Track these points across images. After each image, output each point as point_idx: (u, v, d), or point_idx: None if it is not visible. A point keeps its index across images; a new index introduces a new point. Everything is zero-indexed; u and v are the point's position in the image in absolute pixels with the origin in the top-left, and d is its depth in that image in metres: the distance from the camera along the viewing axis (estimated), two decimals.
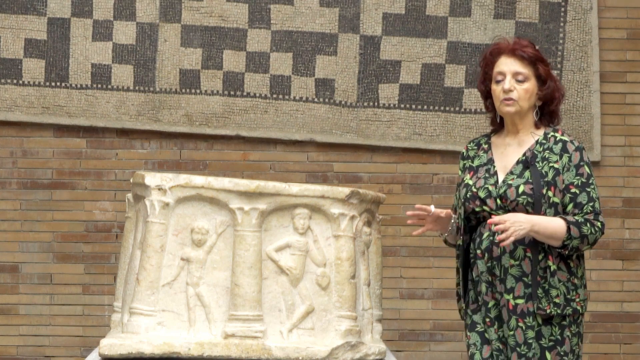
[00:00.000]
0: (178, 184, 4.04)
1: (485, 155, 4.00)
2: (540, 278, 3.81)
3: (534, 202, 3.81)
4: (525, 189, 3.83)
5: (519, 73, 3.90)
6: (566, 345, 3.84)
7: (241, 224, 4.04)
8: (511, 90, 3.88)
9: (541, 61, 3.95)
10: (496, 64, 3.95)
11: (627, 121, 6.39)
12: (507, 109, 3.90)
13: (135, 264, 4.09)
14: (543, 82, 3.93)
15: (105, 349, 3.99)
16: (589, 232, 3.81)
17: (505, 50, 3.95)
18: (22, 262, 6.33)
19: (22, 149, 6.34)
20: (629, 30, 6.39)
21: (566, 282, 3.84)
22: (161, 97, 6.30)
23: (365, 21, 6.31)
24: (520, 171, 3.88)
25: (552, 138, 3.92)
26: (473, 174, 3.98)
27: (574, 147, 3.89)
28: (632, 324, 6.35)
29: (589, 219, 3.83)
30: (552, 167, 3.85)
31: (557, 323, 3.84)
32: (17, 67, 6.29)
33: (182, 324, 4.05)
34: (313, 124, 6.32)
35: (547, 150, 3.89)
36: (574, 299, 3.85)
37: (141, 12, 6.30)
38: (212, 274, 4.07)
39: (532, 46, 3.98)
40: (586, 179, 3.86)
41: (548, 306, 3.80)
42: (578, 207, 3.84)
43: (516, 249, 3.84)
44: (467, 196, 3.94)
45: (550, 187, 3.83)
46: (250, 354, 4.02)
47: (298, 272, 4.10)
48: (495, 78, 3.94)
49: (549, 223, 3.78)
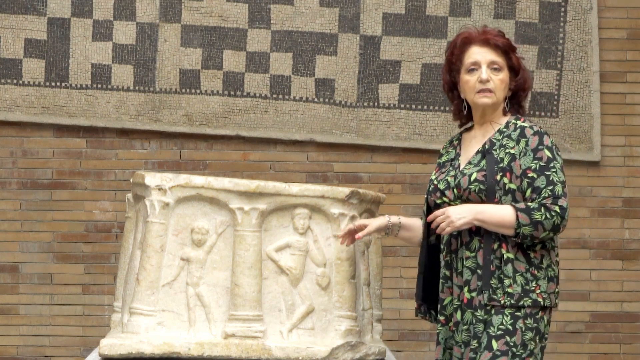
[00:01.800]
0: (178, 184, 4.04)
1: (454, 151, 3.87)
2: (494, 268, 3.63)
3: (487, 189, 3.65)
4: (478, 176, 3.67)
5: (494, 62, 3.73)
6: (517, 336, 3.60)
7: (241, 224, 4.04)
8: (488, 80, 3.72)
9: (513, 51, 3.77)
10: (467, 54, 3.76)
11: (627, 121, 6.40)
12: (485, 100, 3.74)
13: (135, 264, 4.09)
14: (516, 73, 3.77)
15: (105, 349, 3.99)
16: (542, 217, 3.60)
17: (476, 40, 3.76)
18: (22, 262, 6.34)
19: (22, 149, 6.34)
20: (629, 30, 6.39)
21: (524, 272, 3.64)
22: (161, 97, 6.30)
23: (365, 21, 6.31)
24: (478, 160, 3.72)
25: (512, 125, 3.74)
26: (438, 170, 3.86)
27: (532, 131, 3.70)
28: (632, 324, 6.36)
29: (545, 203, 3.61)
30: (508, 152, 3.68)
31: (510, 313, 3.61)
32: (17, 67, 6.29)
33: (182, 324, 4.05)
34: (313, 124, 6.32)
35: (506, 138, 3.71)
36: (534, 290, 3.63)
37: (141, 12, 6.30)
38: (212, 274, 4.07)
39: (502, 34, 3.80)
40: (546, 163, 3.66)
41: (503, 297, 3.61)
42: (536, 191, 3.64)
43: (472, 240, 3.70)
44: (429, 190, 3.81)
45: (505, 173, 3.66)
46: (250, 354, 4.02)
47: (298, 272, 4.10)
48: (467, 68, 3.75)
49: (496, 211, 3.62)
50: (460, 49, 3.78)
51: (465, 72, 3.77)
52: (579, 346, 6.35)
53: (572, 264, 6.35)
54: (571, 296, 6.33)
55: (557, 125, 6.31)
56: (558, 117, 6.32)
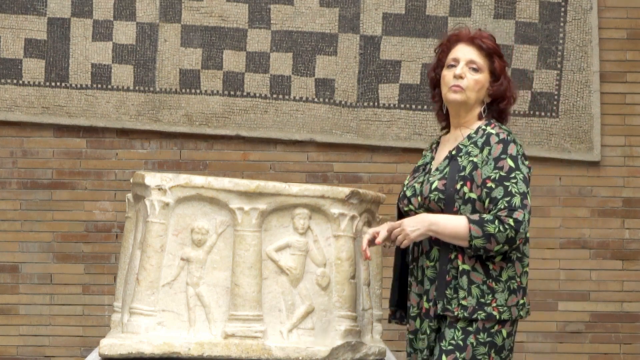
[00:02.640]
0: (178, 184, 4.04)
1: (430, 155, 3.80)
2: (450, 278, 3.57)
3: (445, 198, 3.57)
4: (439, 184, 3.59)
5: (473, 62, 3.65)
6: (467, 352, 3.54)
7: (241, 224, 4.04)
8: (462, 77, 3.63)
9: (498, 56, 3.69)
10: (452, 51, 3.70)
11: (627, 121, 6.40)
12: (454, 96, 3.64)
13: (135, 264, 4.09)
14: (496, 78, 3.67)
15: (105, 349, 3.99)
16: (495, 230, 3.49)
17: (464, 38, 3.69)
18: (22, 262, 6.34)
19: (22, 149, 6.35)
20: (629, 30, 6.39)
21: (481, 284, 3.56)
22: (161, 97, 6.30)
23: (365, 21, 6.31)
24: (444, 167, 3.64)
25: (481, 131, 3.65)
26: (410, 175, 3.80)
27: (497, 139, 3.59)
28: (632, 324, 6.36)
29: (499, 215, 3.49)
30: (472, 160, 3.59)
31: (462, 328, 3.56)
32: (17, 67, 6.29)
33: (182, 324, 4.05)
34: (313, 124, 6.32)
35: (472, 145, 3.63)
36: (489, 303, 3.55)
37: (141, 12, 6.30)
38: (212, 274, 4.07)
39: (493, 39, 3.72)
40: (506, 173, 3.54)
41: (456, 308, 3.55)
42: (493, 202, 3.53)
43: (432, 249, 3.64)
44: (399, 197, 3.76)
45: (466, 182, 3.57)
46: (250, 354, 4.02)
47: (298, 272, 4.10)
48: (448, 64, 3.69)
49: (450, 223, 3.53)
50: (448, 46, 3.73)
51: (446, 67, 3.70)
52: (579, 346, 6.35)
53: (572, 264, 6.35)
54: (571, 296, 6.33)
55: (557, 125, 6.31)
56: (558, 117, 6.32)
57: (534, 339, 6.32)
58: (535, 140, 6.30)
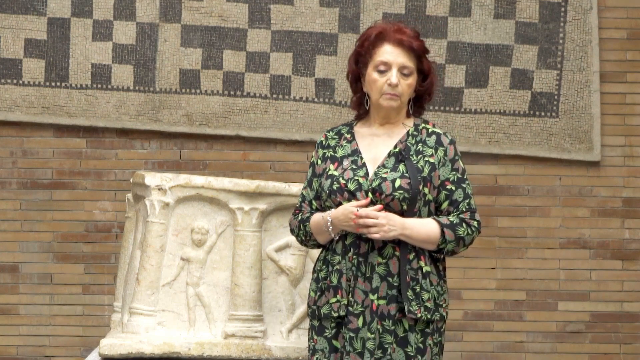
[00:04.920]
0: (178, 184, 4.04)
1: (349, 146, 3.69)
2: (410, 279, 3.51)
3: (410, 198, 3.50)
4: (402, 183, 3.51)
5: (405, 67, 3.60)
6: (427, 355, 3.52)
7: (241, 224, 4.04)
8: (397, 85, 3.59)
9: (425, 55, 3.65)
10: (379, 51, 3.63)
11: (627, 121, 6.39)
12: (390, 103, 3.62)
13: (135, 264, 4.09)
14: (424, 77, 3.66)
15: (105, 349, 3.99)
16: (465, 233, 3.54)
17: (391, 39, 3.61)
18: (22, 262, 6.33)
19: (22, 149, 6.34)
20: (629, 30, 6.38)
21: (437, 285, 3.56)
22: (161, 97, 6.30)
23: (365, 21, 6.31)
24: (393, 164, 3.57)
25: (424, 130, 3.65)
26: (338, 165, 3.63)
27: (448, 140, 3.62)
28: (632, 324, 6.35)
29: (464, 218, 3.55)
30: (428, 161, 3.57)
31: (420, 330, 3.52)
32: (17, 67, 6.29)
33: (182, 324, 4.05)
34: (313, 124, 6.32)
35: (421, 143, 3.61)
36: (441, 304, 3.57)
37: (141, 12, 6.30)
38: (212, 274, 4.07)
39: (418, 35, 3.65)
40: (461, 174, 3.59)
41: (419, 310, 3.50)
42: (454, 204, 3.56)
43: (385, 246, 3.52)
44: (332, 188, 3.57)
45: (426, 183, 3.54)
46: (250, 354, 4.02)
47: (298, 272, 4.10)
48: (377, 67, 3.62)
49: (422, 227, 3.51)
50: (372, 43, 3.65)
51: (373, 69, 3.65)
52: (579, 346, 6.34)
53: (572, 264, 6.35)
54: (571, 296, 6.33)
55: (557, 125, 6.31)
56: (558, 117, 6.32)
57: (534, 339, 6.32)
58: (535, 140, 6.30)
